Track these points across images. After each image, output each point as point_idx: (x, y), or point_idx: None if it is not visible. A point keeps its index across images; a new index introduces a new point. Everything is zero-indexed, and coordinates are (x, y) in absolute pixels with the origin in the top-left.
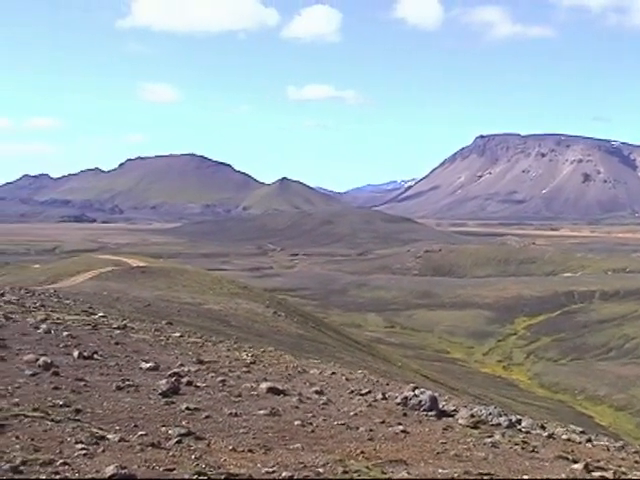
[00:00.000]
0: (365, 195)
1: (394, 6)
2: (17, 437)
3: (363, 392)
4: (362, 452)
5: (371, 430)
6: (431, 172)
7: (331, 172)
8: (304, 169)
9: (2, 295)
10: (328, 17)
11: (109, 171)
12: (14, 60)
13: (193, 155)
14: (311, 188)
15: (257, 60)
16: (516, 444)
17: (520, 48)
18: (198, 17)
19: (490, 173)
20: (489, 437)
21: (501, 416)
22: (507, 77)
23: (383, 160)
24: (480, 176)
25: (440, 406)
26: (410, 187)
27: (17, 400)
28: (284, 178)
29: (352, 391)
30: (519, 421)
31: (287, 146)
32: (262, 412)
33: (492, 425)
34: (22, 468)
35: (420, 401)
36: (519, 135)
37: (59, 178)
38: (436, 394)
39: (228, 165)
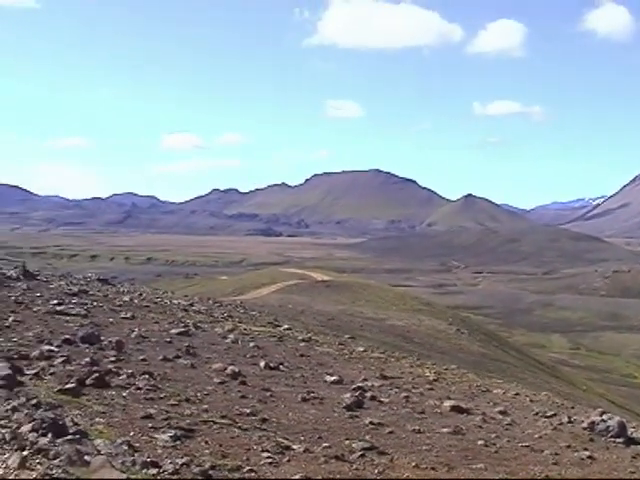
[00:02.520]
0: (551, 213)
1: (582, 18)
2: (206, 442)
3: (548, 414)
4: (547, 476)
5: (556, 454)
6: (621, 189)
7: (516, 189)
8: (489, 186)
9: (192, 305)
10: (513, 31)
11: (295, 186)
12: (204, 80)
13: (379, 171)
14: (496, 205)
15: (441, 76)
16: None
17: None
18: (382, 34)
19: None
20: None
21: None
22: None
23: (570, 177)
24: None
25: (629, 433)
26: (598, 205)
27: (206, 407)
28: (469, 195)
29: (537, 413)
30: None
31: (471, 162)
32: (445, 430)
33: None
34: (211, 472)
35: (608, 427)
36: None
37: (247, 193)
38: (624, 420)
39: (413, 181)
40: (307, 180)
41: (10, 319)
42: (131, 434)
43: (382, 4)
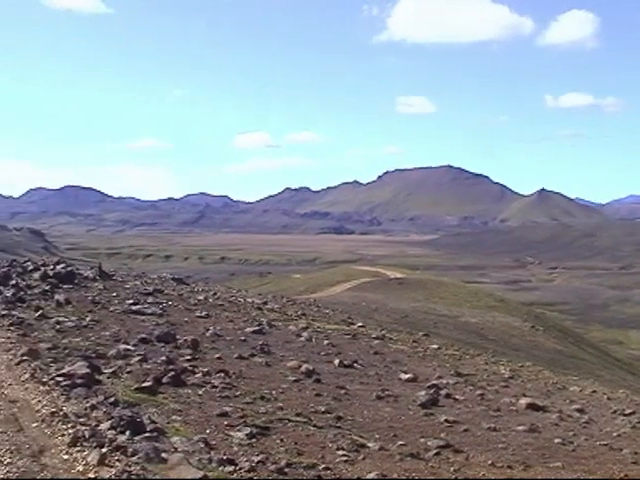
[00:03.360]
0: (627, 206)
1: None
2: (282, 440)
3: (626, 412)
4: (625, 475)
5: (636, 453)
6: None
7: (591, 183)
8: (562, 180)
9: (265, 304)
10: (585, 22)
11: (367, 183)
12: (275, 79)
13: (450, 167)
14: (570, 199)
15: (512, 69)
16: None
17: None
18: (451, 28)
19: None
20: None
21: None
22: None
23: None
24: None
25: None
26: None
27: (281, 404)
28: (543, 189)
29: (614, 411)
30: None
31: (544, 156)
32: (521, 428)
33: None
34: (287, 470)
35: None
36: None
37: (319, 191)
38: None
39: (485, 176)
40: (379, 177)
41: (87, 319)
42: (207, 432)
43: None
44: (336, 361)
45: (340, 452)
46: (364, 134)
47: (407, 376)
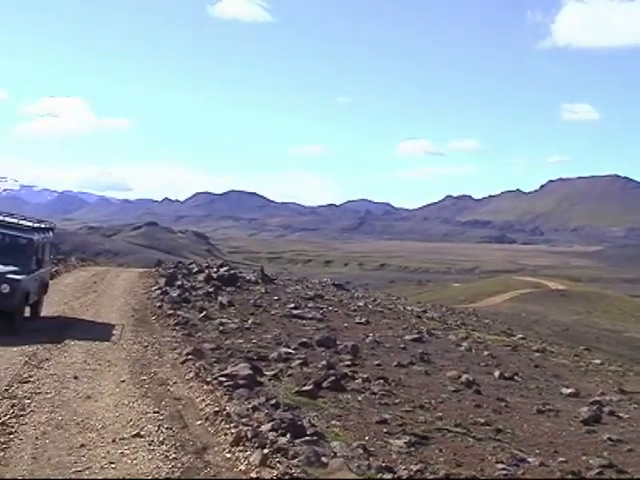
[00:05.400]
0: None
1: None
2: (440, 450)
3: None
4: None
5: None
6: None
7: None
8: None
9: (425, 312)
10: None
11: (530, 192)
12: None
13: (617, 176)
14: None
15: None
16: None
17: None
18: (617, 33)
19: None
20: None
21: None
22: None
23: None
24: None
25: None
26: None
27: (440, 414)
28: None
29: None
30: None
31: None
32: None
33: None
34: None
35: None
36: None
37: (480, 199)
38: None
39: None
40: (542, 186)
41: (249, 321)
42: (366, 438)
43: (617, 3)
44: (496, 373)
45: (499, 465)
46: (527, 142)
47: (569, 391)
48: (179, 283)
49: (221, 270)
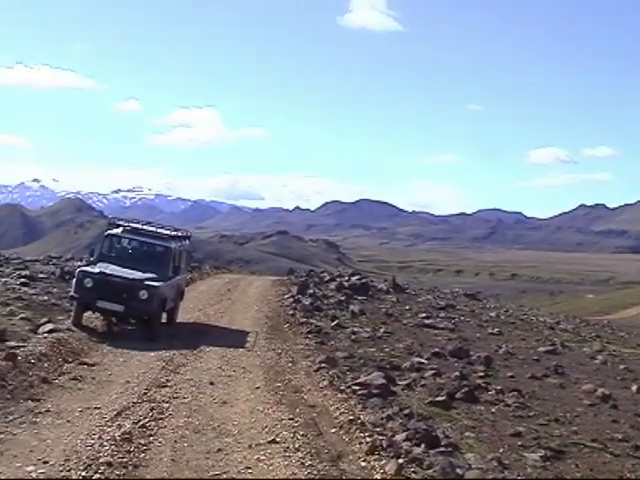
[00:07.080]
0: None
1: None
2: (576, 465)
3: None
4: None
5: None
6: None
7: None
8: None
9: (558, 323)
10: None
11: None
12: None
13: None
14: None
15: None
16: None
17: None
18: None
19: None
20: None
21: None
22: None
23: None
24: None
25: None
26: None
27: (575, 428)
28: None
29: None
30: None
31: None
32: None
33: None
34: None
35: None
36: None
37: (615, 208)
38: None
39: None
40: None
41: (381, 330)
42: (500, 450)
43: None
44: (634, 387)
45: None
46: None
47: None
48: (311, 291)
49: (353, 279)
